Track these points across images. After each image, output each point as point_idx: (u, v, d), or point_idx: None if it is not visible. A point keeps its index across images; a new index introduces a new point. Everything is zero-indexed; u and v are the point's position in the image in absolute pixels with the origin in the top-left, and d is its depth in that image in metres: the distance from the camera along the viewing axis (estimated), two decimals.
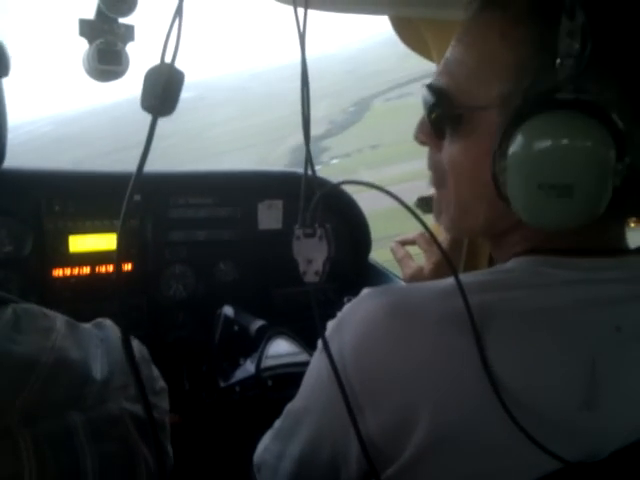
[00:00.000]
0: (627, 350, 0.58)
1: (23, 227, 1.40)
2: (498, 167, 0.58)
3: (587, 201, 0.55)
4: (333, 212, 1.66)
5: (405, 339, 0.59)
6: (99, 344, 0.64)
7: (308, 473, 0.67)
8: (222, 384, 1.30)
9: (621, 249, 0.65)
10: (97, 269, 1.49)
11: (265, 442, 0.75)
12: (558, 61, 0.54)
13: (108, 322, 0.71)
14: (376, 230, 1.81)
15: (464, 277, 0.60)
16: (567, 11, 0.54)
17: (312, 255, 0.60)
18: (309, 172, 0.63)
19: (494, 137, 0.58)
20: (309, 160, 0.60)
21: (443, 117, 0.67)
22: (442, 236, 1.02)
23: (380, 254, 1.82)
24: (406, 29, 1.11)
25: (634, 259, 0.64)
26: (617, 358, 0.57)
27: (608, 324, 0.58)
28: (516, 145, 0.56)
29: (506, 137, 0.57)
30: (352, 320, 0.63)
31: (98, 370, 0.59)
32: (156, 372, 0.74)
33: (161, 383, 0.73)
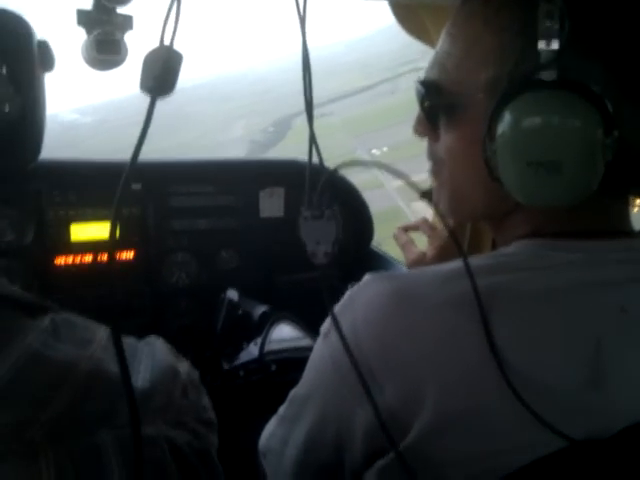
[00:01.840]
0: (632, 331, 0.58)
1: (25, 216, 1.40)
2: (489, 150, 0.60)
3: (576, 176, 0.57)
4: (335, 199, 1.66)
5: (409, 324, 0.59)
6: (143, 359, 0.62)
7: (313, 457, 0.67)
8: (226, 366, 1.31)
9: (624, 231, 0.65)
10: (99, 257, 1.50)
11: (270, 428, 0.75)
12: (540, 42, 0.56)
13: (159, 340, 0.69)
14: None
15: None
16: None
17: (320, 236, 0.60)
18: (314, 155, 0.63)
19: (484, 122, 0.60)
20: (313, 142, 0.60)
21: (435, 107, 0.70)
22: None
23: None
24: (407, 16, 1.11)
25: (637, 241, 0.64)
26: (622, 339, 0.58)
27: (613, 305, 0.58)
28: (503, 126, 0.58)
29: (493, 120, 0.59)
30: (355, 306, 0.63)
31: (138, 386, 0.56)
32: (206, 402, 0.71)
33: (211, 415, 0.70)
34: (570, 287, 0.58)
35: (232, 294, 1.44)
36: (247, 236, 1.65)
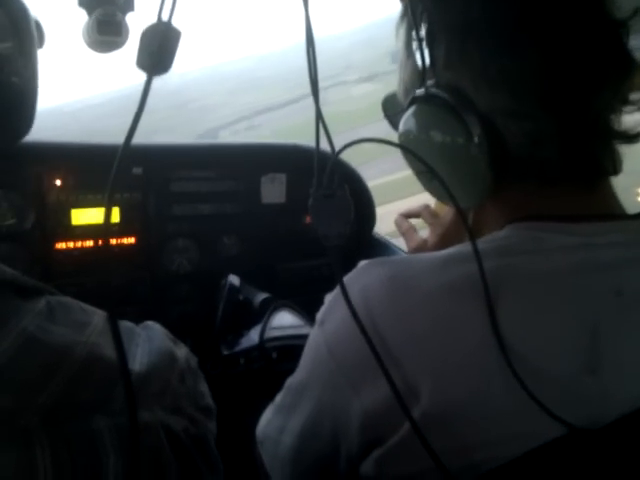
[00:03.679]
0: (628, 314, 0.58)
1: (25, 200, 1.39)
2: None
3: (452, 182, 0.61)
4: (343, 180, 1.64)
5: (404, 311, 0.58)
6: (140, 343, 0.60)
7: (310, 447, 0.67)
8: (225, 352, 1.30)
9: (615, 214, 0.65)
10: (100, 242, 1.49)
11: (267, 416, 0.75)
12: (419, 64, 0.65)
13: (157, 325, 0.68)
14: None
15: (462, 247, 0.61)
16: (412, 23, 0.65)
17: (332, 217, 0.58)
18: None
19: None
20: (320, 119, 0.59)
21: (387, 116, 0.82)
22: (446, 209, 1.01)
23: None
24: None
25: (632, 223, 0.63)
26: (618, 322, 0.57)
27: (609, 288, 0.58)
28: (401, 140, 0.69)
29: None
30: (350, 293, 0.62)
31: (134, 370, 0.54)
32: (204, 388, 0.70)
33: (209, 401, 0.69)
34: (567, 270, 0.58)
35: (233, 279, 1.44)
36: (249, 222, 1.64)
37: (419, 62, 0.65)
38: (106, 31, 0.86)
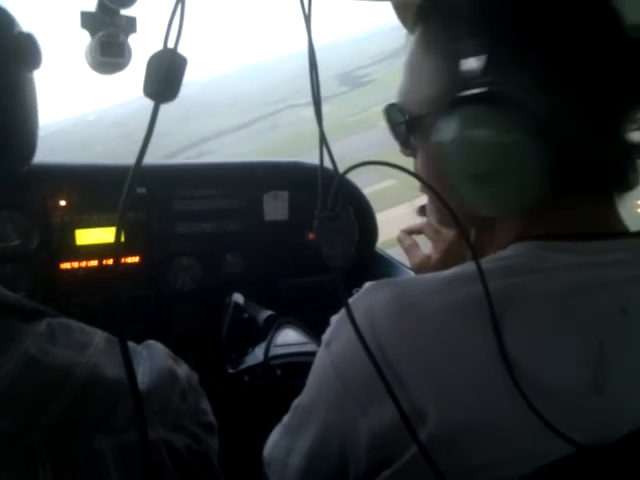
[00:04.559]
0: (633, 332, 0.58)
1: (29, 221, 1.40)
2: (442, 166, 0.63)
3: (509, 185, 0.59)
4: (347, 200, 1.64)
5: (409, 331, 0.58)
6: (141, 362, 0.61)
7: (317, 468, 0.67)
8: (231, 370, 1.30)
9: (619, 232, 0.65)
10: (104, 261, 1.50)
11: (274, 437, 0.75)
12: (465, 61, 0.60)
13: (157, 344, 0.68)
14: None
15: (466, 267, 0.60)
16: (452, 17, 0.63)
17: (337, 238, 0.59)
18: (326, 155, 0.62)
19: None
20: (324, 141, 0.59)
21: (398, 129, 0.75)
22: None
23: None
24: (410, 16, 1.10)
25: (636, 241, 0.63)
26: (623, 340, 0.57)
27: (614, 306, 0.58)
28: (441, 145, 0.62)
29: (433, 137, 0.63)
30: (356, 314, 0.62)
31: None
32: (206, 405, 0.70)
33: (210, 418, 0.69)
34: (572, 290, 0.58)
35: (237, 298, 1.44)
36: (252, 239, 1.65)
37: (463, 66, 0.61)
38: (109, 53, 0.86)
